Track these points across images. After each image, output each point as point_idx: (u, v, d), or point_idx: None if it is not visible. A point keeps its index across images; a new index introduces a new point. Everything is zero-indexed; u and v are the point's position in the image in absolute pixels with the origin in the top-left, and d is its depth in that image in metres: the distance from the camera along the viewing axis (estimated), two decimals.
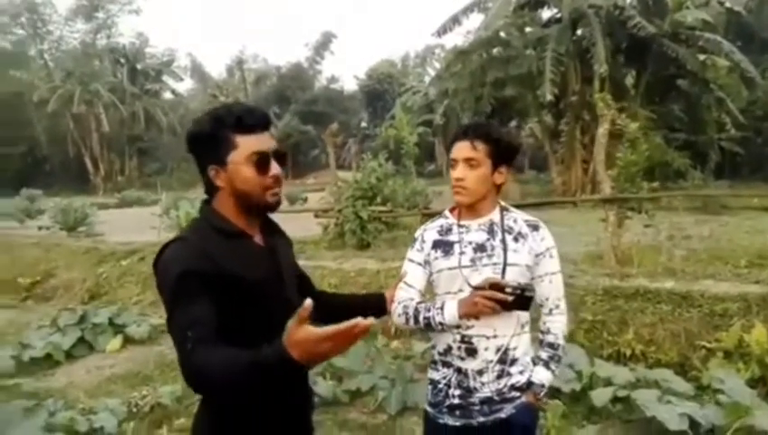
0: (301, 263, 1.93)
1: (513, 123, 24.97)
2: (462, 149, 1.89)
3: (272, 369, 1.20)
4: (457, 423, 1.90)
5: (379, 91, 46.77)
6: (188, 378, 1.30)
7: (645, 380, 4.07)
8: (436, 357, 1.96)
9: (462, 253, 1.89)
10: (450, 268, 1.89)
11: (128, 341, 6.15)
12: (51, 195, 25.13)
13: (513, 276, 1.83)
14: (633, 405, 3.72)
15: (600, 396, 3.89)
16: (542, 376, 1.91)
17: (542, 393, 1.93)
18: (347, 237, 7.76)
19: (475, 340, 1.85)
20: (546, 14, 19.38)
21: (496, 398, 1.87)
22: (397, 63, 51.94)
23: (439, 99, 23.06)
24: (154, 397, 4.49)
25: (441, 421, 1.93)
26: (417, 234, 2.04)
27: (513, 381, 1.88)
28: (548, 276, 1.92)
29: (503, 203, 2.00)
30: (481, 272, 1.86)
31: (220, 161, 1.50)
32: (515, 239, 1.89)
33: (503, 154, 1.90)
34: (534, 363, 1.94)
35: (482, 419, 1.88)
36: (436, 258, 1.92)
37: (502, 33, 18.03)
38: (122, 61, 42.89)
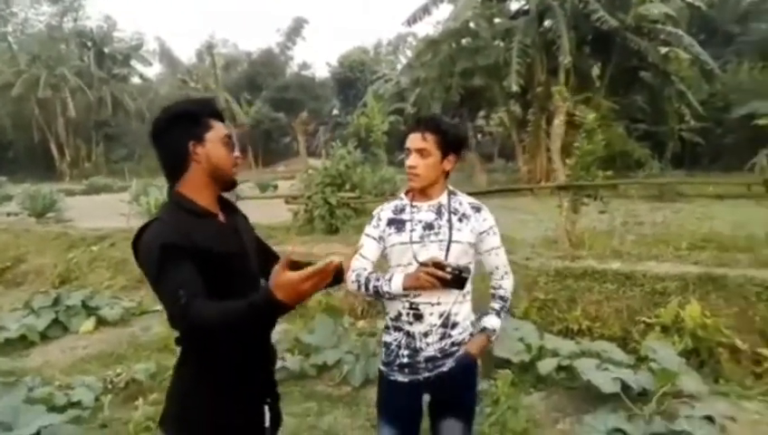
0: (273, 248, 2.19)
1: (482, 113, 25.39)
2: (414, 139, 2.15)
3: (261, 311, 1.43)
4: (406, 380, 2.18)
5: (351, 79, 46.74)
6: (189, 328, 1.54)
7: (588, 351, 4.43)
8: (389, 323, 2.24)
9: (413, 230, 2.15)
10: (402, 243, 2.16)
11: (101, 323, 6.30)
12: (16, 181, 24.71)
13: (456, 253, 2.10)
14: (575, 373, 4.07)
15: (546, 365, 4.23)
16: (493, 322, 2.24)
17: (493, 337, 2.26)
18: (316, 223, 8.00)
19: (421, 307, 2.13)
20: (514, 5, 19.76)
21: (438, 355, 2.15)
22: (369, 51, 51.92)
23: (411, 87, 23.31)
24: (128, 374, 4.70)
25: (392, 378, 2.21)
26: (375, 212, 2.31)
27: (453, 340, 2.17)
28: (494, 250, 2.22)
29: (451, 188, 2.26)
30: (428, 248, 2.12)
31: (199, 138, 1.72)
32: (460, 220, 2.16)
33: (450, 144, 2.15)
34: (488, 313, 2.26)
35: (426, 374, 2.16)
36: (390, 234, 2.18)
37: (471, 24, 18.31)
38: (89, 44, 42.03)
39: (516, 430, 3.67)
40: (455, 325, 2.16)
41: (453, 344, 2.17)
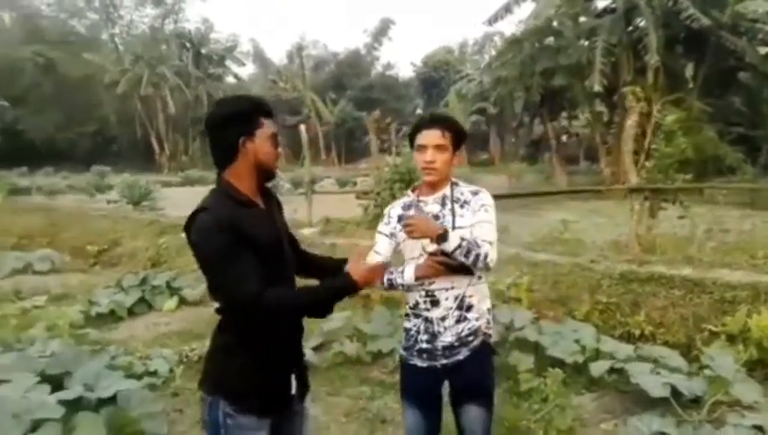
0: (340, 241, 2.44)
1: (566, 113, 24.71)
2: (432, 136, 2.26)
3: (341, 294, 2.00)
4: (424, 365, 2.28)
5: (435, 79, 46.81)
6: (264, 314, 1.89)
7: (645, 356, 4.35)
8: (408, 311, 2.36)
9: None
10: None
11: (183, 302, 6.83)
12: (118, 172, 26.65)
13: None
14: (627, 376, 4.03)
15: (598, 367, 4.21)
16: (453, 239, 2.14)
17: (441, 240, 2.12)
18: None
19: (437, 293, 2.24)
20: (600, 3, 19.13)
21: (456, 343, 2.24)
22: (454, 50, 51.74)
23: (493, 87, 23.11)
24: (202, 350, 5.10)
25: (411, 362, 2.31)
26: (386, 210, 2.43)
27: (470, 325, 2.26)
28: (482, 223, 2.24)
29: (454, 179, 2.38)
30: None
31: (250, 134, 1.94)
32: (461, 206, 2.29)
33: (460, 141, 2.33)
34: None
35: (444, 361, 2.26)
36: (401, 230, 2.23)
37: (554, 23, 17.92)
38: (188, 45, 44.59)
39: (561, 427, 3.69)
40: (470, 307, 2.26)
41: (469, 331, 2.26)
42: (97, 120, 41.87)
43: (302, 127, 11.07)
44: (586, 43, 16.97)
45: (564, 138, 27.58)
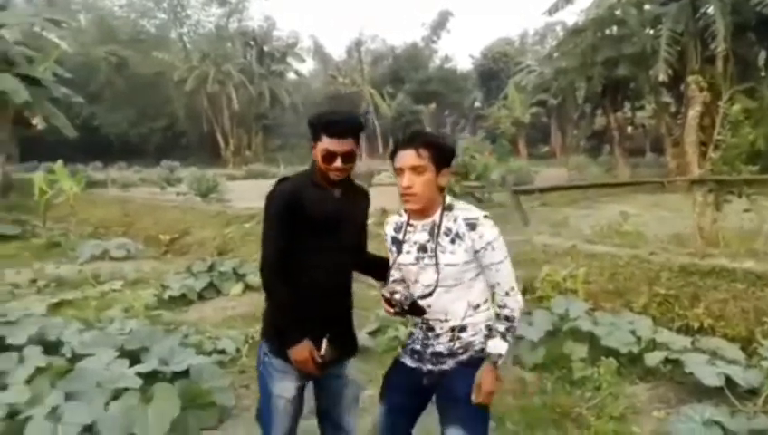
0: None
1: (630, 104, 23.94)
2: (407, 157, 2.07)
3: (287, 336, 2.32)
4: (413, 365, 2.26)
5: (495, 71, 46.18)
6: (263, 282, 2.37)
7: (702, 348, 4.31)
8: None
9: (408, 252, 2.18)
10: (401, 264, 2.21)
11: (248, 288, 7.18)
12: (187, 166, 27.79)
13: (452, 274, 2.10)
14: (682, 367, 4.02)
15: (653, 358, 4.21)
16: (498, 346, 2.10)
17: (499, 361, 2.11)
18: None
19: (432, 322, 2.20)
20: None
21: (445, 352, 2.19)
22: (514, 41, 50.89)
23: (554, 78, 22.68)
24: None
25: (401, 359, 2.33)
26: (385, 224, 2.36)
27: (462, 342, 2.17)
28: (494, 266, 2.10)
29: (448, 201, 2.16)
30: (425, 270, 2.14)
31: (315, 142, 2.30)
32: (452, 241, 2.09)
33: (444, 157, 2.10)
34: (492, 336, 2.13)
35: (430, 366, 2.22)
36: (393, 253, 2.24)
37: (617, 12, 17.41)
38: (251, 43, 45.75)
39: (614, 414, 3.74)
40: (463, 329, 2.17)
41: (461, 345, 2.18)
42: (167, 116, 43.68)
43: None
44: (651, 31, 16.38)
45: (629, 129, 26.70)
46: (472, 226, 2.08)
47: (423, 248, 2.14)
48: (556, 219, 9.19)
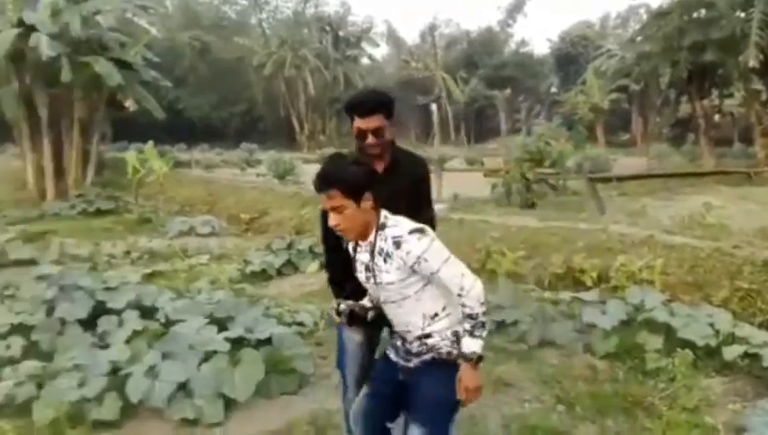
0: (469, 217, 2.77)
1: (715, 91, 22.60)
2: (324, 200, 2.17)
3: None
4: (393, 358, 2.37)
5: (573, 55, 44.74)
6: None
7: None
8: None
9: (360, 271, 2.30)
10: (360, 280, 2.33)
11: (323, 266, 7.47)
12: (265, 149, 28.70)
13: (392, 292, 2.19)
14: (761, 361, 3.92)
15: (731, 351, 4.12)
16: (470, 345, 2.13)
17: (474, 359, 2.14)
18: (513, 197, 8.31)
19: (399, 332, 2.33)
20: None
21: (413, 351, 2.28)
22: (595, 25, 49.01)
23: (636, 63, 21.74)
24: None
25: (387, 351, 2.44)
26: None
27: (427, 345, 2.24)
28: (434, 275, 2.12)
29: (382, 218, 2.21)
30: (374, 287, 2.25)
31: (351, 124, 2.56)
32: (384, 260, 2.16)
33: (356, 187, 2.14)
34: (462, 336, 2.16)
35: (402, 362, 2.33)
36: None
37: None
38: (327, 28, 46.41)
39: (687, 405, 3.71)
40: (429, 335, 2.23)
41: (428, 349, 2.24)
42: (246, 100, 45.14)
43: (433, 106, 11.35)
44: (741, 14, 15.39)
45: (716, 117, 25.23)
46: (397, 244, 2.12)
47: (367, 268, 2.24)
48: (634, 209, 8.97)
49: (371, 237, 2.20)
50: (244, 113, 45.49)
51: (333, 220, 2.16)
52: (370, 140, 2.52)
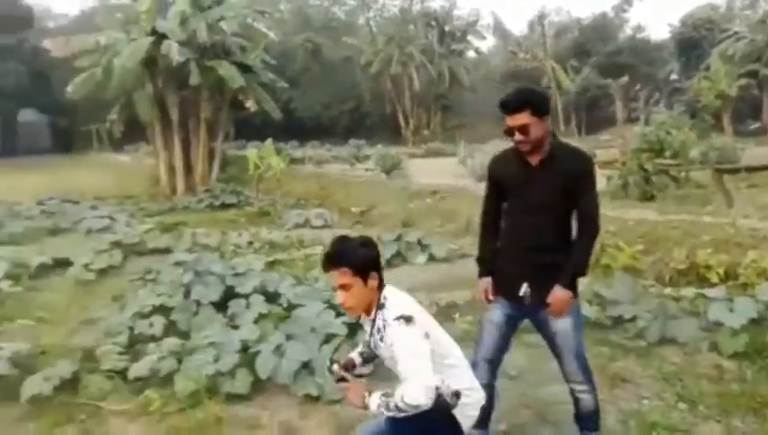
0: None
1: None
2: (332, 278, 2.34)
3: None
4: None
5: (696, 39, 41.55)
6: None
7: None
8: None
9: (367, 341, 2.52)
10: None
11: (431, 258, 7.62)
12: (371, 145, 29.37)
13: (392, 365, 2.31)
14: None
15: None
16: (376, 400, 2.19)
17: (366, 405, 2.23)
18: (630, 189, 7.95)
19: None
20: None
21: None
22: (720, 7, 45.23)
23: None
24: (449, 299, 5.76)
25: None
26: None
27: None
28: (395, 360, 2.24)
29: (382, 299, 2.35)
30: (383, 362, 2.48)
31: None
32: (381, 339, 2.34)
33: (365, 265, 2.31)
34: (386, 395, 2.19)
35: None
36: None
37: None
38: (433, 24, 46.36)
39: None
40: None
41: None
42: (354, 98, 46.29)
43: None
44: None
45: None
46: (384, 326, 2.31)
47: (368, 343, 2.50)
48: (765, 202, 8.28)
49: (372, 314, 2.38)
50: (352, 111, 46.68)
51: (341, 298, 2.35)
52: (517, 136, 2.67)
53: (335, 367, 2.45)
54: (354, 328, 4.41)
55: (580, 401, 2.96)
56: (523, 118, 2.62)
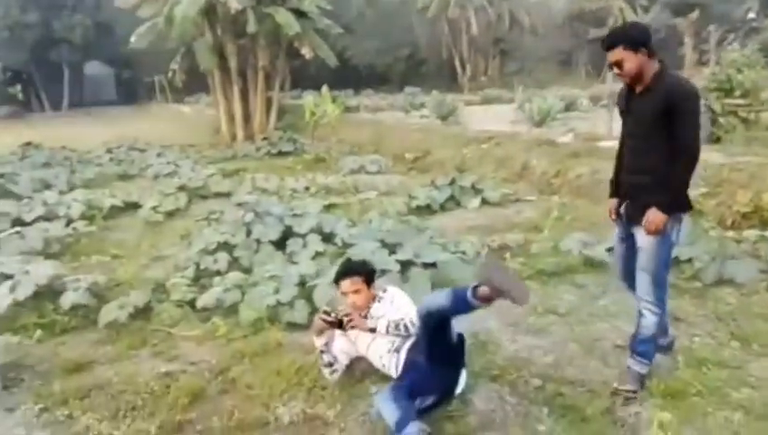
0: None
1: None
2: (345, 286, 3.26)
3: None
4: None
5: None
6: None
7: None
8: None
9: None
10: None
11: (484, 203, 7.64)
12: (426, 92, 28.99)
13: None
14: None
15: None
16: (382, 323, 3.18)
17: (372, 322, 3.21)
18: None
19: None
20: None
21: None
22: None
23: None
24: (500, 241, 5.81)
25: None
26: None
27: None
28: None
29: (380, 293, 3.35)
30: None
31: None
32: (379, 308, 3.26)
33: (372, 276, 3.34)
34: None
35: None
36: None
37: None
38: None
39: None
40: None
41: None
42: (409, 45, 45.38)
43: None
44: None
45: None
46: (380, 301, 3.34)
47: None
48: None
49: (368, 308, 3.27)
50: (408, 58, 45.90)
51: (351, 300, 3.24)
52: (615, 70, 2.98)
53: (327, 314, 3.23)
54: (406, 266, 4.56)
55: (642, 320, 3.12)
56: (617, 54, 2.90)
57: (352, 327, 3.20)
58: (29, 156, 13.56)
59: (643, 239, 3.03)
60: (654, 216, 2.92)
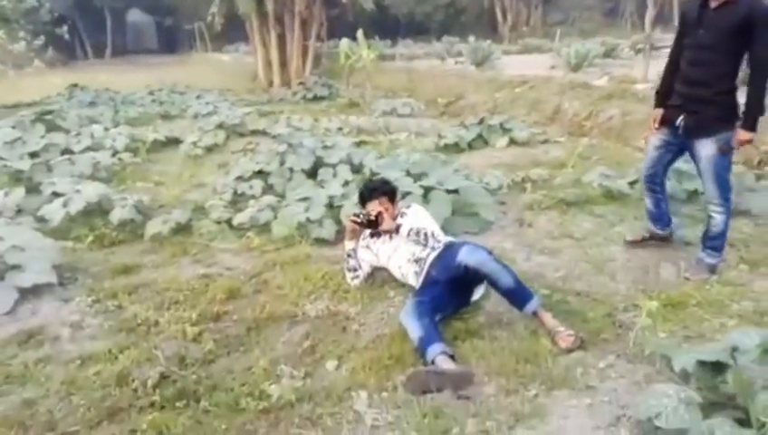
0: None
1: None
2: (372, 206, 3.54)
3: None
4: None
5: None
6: None
7: None
8: None
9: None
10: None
11: (512, 142, 7.73)
12: (465, 42, 28.48)
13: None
14: None
15: None
16: (405, 227, 3.48)
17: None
18: None
19: None
20: None
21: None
22: None
23: None
24: (526, 175, 5.96)
25: None
26: None
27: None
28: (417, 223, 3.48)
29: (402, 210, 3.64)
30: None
31: None
32: (402, 217, 3.58)
33: (395, 195, 3.71)
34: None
35: None
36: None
37: None
38: None
39: None
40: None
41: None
42: None
43: None
44: None
45: None
46: (404, 215, 3.60)
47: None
48: None
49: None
50: (447, 6, 44.84)
51: (382, 215, 3.40)
52: None
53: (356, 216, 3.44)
54: (429, 191, 4.78)
55: (712, 219, 3.54)
56: None
57: (380, 226, 3.43)
58: (75, 96, 14.09)
59: (708, 150, 3.34)
60: (745, 136, 3.23)
